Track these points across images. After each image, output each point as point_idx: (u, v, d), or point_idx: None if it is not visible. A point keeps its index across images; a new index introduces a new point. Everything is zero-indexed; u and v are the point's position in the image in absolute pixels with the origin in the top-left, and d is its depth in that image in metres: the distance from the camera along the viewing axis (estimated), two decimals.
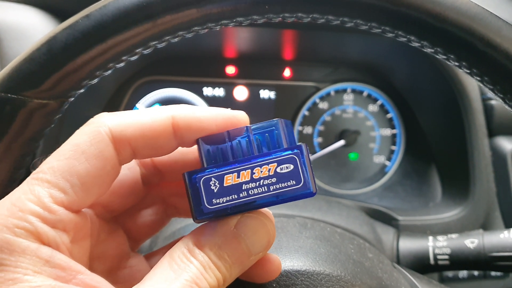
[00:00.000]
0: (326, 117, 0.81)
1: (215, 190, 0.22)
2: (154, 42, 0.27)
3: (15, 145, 0.27)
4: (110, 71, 0.28)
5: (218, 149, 0.24)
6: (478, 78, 0.28)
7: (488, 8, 0.28)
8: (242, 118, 0.25)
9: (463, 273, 0.60)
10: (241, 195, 0.22)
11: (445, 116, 0.69)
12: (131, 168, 0.27)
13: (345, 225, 0.45)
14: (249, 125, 0.24)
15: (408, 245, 0.48)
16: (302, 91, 0.81)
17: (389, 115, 0.81)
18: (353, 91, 0.81)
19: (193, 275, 0.21)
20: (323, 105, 0.81)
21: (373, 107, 0.81)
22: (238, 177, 0.22)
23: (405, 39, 0.28)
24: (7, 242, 0.20)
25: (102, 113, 0.24)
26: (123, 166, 0.25)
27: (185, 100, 0.80)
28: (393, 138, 0.81)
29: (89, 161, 0.22)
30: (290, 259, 0.31)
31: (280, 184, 0.22)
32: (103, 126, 0.23)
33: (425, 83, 0.72)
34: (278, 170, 0.22)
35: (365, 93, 0.81)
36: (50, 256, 0.20)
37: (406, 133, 0.80)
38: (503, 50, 0.27)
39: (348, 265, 0.32)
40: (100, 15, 0.26)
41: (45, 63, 0.27)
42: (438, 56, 0.29)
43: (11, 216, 0.20)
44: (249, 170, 0.22)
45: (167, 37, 0.27)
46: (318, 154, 0.80)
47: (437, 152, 0.73)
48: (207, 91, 0.80)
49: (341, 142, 0.79)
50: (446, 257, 0.45)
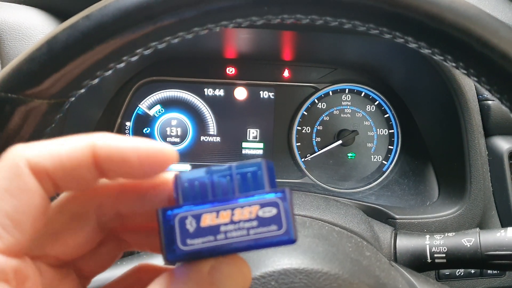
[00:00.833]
0: (325, 117, 0.81)
1: (191, 230, 0.21)
2: (155, 43, 0.27)
3: (14, 146, 0.27)
4: (111, 72, 0.29)
5: (197, 186, 0.22)
6: (475, 79, 0.29)
7: (486, 9, 0.28)
8: (168, 153, 0.22)
9: (460, 271, 0.60)
10: (218, 238, 0.21)
11: (442, 116, 0.69)
12: (85, 218, 0.24)
13: (343, 224, 0.46)
14: (232, 164, 0.22)
15: (406, 243, 0.48)
16: (301, 92, 0.81)
17: (387, 115, 0.82)
18: (351, 92, 0.81)
19: None
20: (322, 105, 0.81)
21: (371, 107, 0.82)
22: (217, 218, 0.21)
23: (403, 40, 0.28)
24: None
25: (16, 146, 0.22)
26: (78, 217, 0.24)
27: (186, 101, 0.80)
28: (391, 138, 0.82)
29: (15, 197, 0.20)
30: (289, 258, 0.31)
31: (261, 229, 0.21)
32: (21, 159, 0.21)
33: (422, 84, 0.72)
34: (260, 214, 0.21)
35: (363, 94, 0.81)
36: None
37: (403, 133, 0.81)
38: (500, 51, 0.27)
39: (346, 264, 0.32)
40: (101, 16, 0.27)
41: (46, 63, 0.27)
42: (435, 57, 0.29)
43: None
44: (230, 211, 0.21)
45: (167, 38, 0.27)
46: (317, 154, 0.81)
47: (434, 152, 0.73)
48: (208, 92, 0.80)
49: (339, 142, 0.79)
50: (443, 256, 0.45)
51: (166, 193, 0.24)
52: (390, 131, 0.82)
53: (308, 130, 0.81)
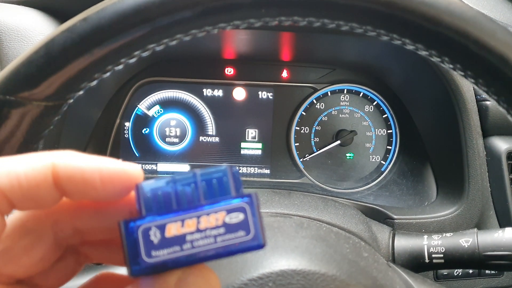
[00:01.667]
0: (323, 118, 0.82)
1: (155, 242, 0.20)
2: (152, 45, 0.27)
3: (12, 147, 0.27)
4: (109, 73, 0.29)
5: (160, 196, 0.21)
6: (473, 80, 0.29)
7: (484, 10, 0.28)
8: (133, 173, 0.22)
9: (458, 271, 0.60)
10: (184, 247, 0.20)
11: (440, 117, 0.70)
12: (41, 236, 0.23)
13: (341, 224, 0.46)
14: (196, 171, 0.22)
15: (404, 244, 0.48)
16: (300, 92, 0.81)
17: (385, 116, 0.82)
18: (350, 92, 0.82)
19: None
20: (320, 106, 0.81)
21: (369, 108, 0.82)
22: (183, 227, 0.20)
23: (400, 42, 0.28)
24: None
25: None
26: (33, 234, 0.23)
27: (185, 101, 0.80)
28: (389, 138, 0.82)
29: None
30: (286, 259, 0.32)
31: (228, 235, 0.20)
32: None
33: (420, 84, 0.72)
34: (227, 220, 0.20)
35: (361, 94, 0.82)
36: None
37: (402, 133, 0.81)
38: (498, 53, 0.27)
39: (344, 265, 0.33)
40: (98, 18, 0.27)
41: (43, 66, 0.27)
42: (433, 59, 0.29)
43: None
44: (195, 219, 0.20)
45: (165, 40, 0.27)
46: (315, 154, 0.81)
47: (432, 152, 0.73)
48: (207, 92, 0.80)
49: (338, 142, 0.80)
50: (441, 256, 0.45)
51: (127, 207, 0.23)
52: (389, 132, 0.82)
53: (307, 131, 0.81)
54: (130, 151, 0.80)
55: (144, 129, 0.80)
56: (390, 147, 0.81)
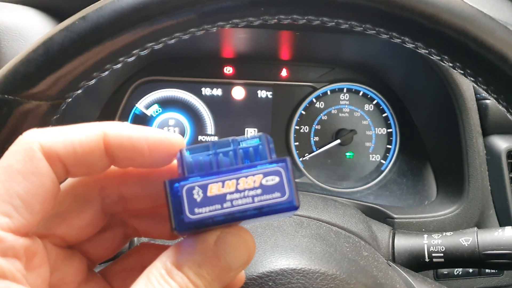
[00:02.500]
0: (323, 117, 0.82)
1: (198, 200, 0.22)
2: (151, 44, 0.28)
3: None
4: (107, 72, 0.29)
5: (201, 159, 0.23)
6: (472, 79, 0.29)
7: (483, 9, 0.28)
8: (177, 141, 0.24)
9: (458, 270, 0.60)
10: (225, 206, 0.22)
11: (440, 115, 0.70)
12: (90, 200, 0.25)
13: (341, 223, 0.46)
14: (235, 137, 0.24)
15: (403, 243, 0.48)
16: (299, 91, 0.81)
17: (385, 115, 0.82)
18: (349, 91, 0.82)
19: None
20: (320, 105, 0.81)
21: (369, 107, 0.82)
22: (223, 187, 0.22)
23: (399, 41, 0.28)
24: None
25: (30, 130, 0.22)
26: (82, 199, 0.25)
27: (184, 100, 0.80)
28: (389, 137, 0.82)
29: (27, 179, 0.21)
30: (286, 258, 0.32)
31: (265, 196, 0.22)
32: (34, 143, 0.22)
33: (420, 83, 0.72)
34: (264, 182, 0.22)
35: (361, 93, 0.82)
36: None
37: (402, 132, 0.81)
38: (497, 51, 0.27)
39: (343, 264, 0.33)
40: (97, 17, 0.27)
41: (42, 65, 0.27)
42: (432, 57, 0.29)
43: None
44: (235, 180, 0.22)
45: (164, 39, 0.27)
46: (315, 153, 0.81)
47: (432, 151, 0.73)
48: (206, 91, 0.80)
49: (337, 141, 0.79)
50: (441, 255, 0.45)
51: (168, 175, 0.25)
52: (389, 131, 0.82)
53: (306, 130, 0.81)
54: None
55: None
56: (390, 146, 0.81)
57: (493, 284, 0.62)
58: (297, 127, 0.81)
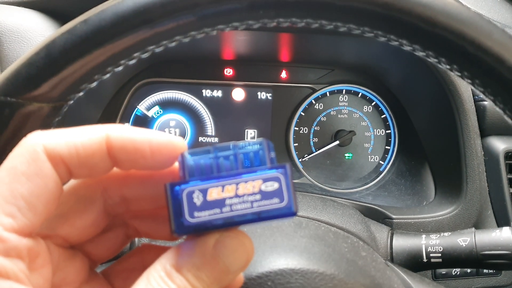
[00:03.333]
0: (322, 118, 0.82)
1: (198, 204, 0.22)
2: (152, 47, 0.28)
3: (13, 149, 0.27)
4: (109, 75, 0.29)
5: (202, 164, 0.23)
6: (469, 81, 0.29)
7: (481, 11, 0.29)
8: (179, 144, 0.24)
9: (456, 270, 0.61)
10: (224, 210, 0.22)
11: (438, 117, 0.70)
12: (92, 201, 0.26)
13: (340, 224, 0.46)
14: (236, 142, 0.24)
15: (402, 243, 0.48)
16: (298, 93, 0.81)
17: (383, 116, 0.82)
18: (348, 92, 0.82)
19: None
20: (319, 106, 0.82)
21: (368, 108, 0.82)
22: (223, 192, 0.22)
23: (397, 43, 0.29)
24: None
25: (34, 132, 0.23)
26: (85, 200, 0.25)
27: (184, 102, 0.81)
28: (387, 138, 0.82)
29: (31, 181, 0.21)
30: (285, 258, 0.32)
31: (264, 201, 0.22)
32: (38, 145, 0.22)
33: (419, 85, 0.73)
34: (263, 188, 0.22)
35: (360, 94, 0.82)
36: None
37: (400, 133, 0.81)
38: (494, 54, 0.27)
39: (342, 264, 0.33)
40: (98, 20, 0.27)
41: (44, 67, 0.27)
42: (430, 59, 0.29)
43: None
44: (234, 185, 0.22)
45: (164, 42, 0.28)
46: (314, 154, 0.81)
47: (430, 152, 0.74)
48: (206, 93, 0.81)
49: (336, 142, 0.80)
50: (439, 255, 0.46)
51: (170, 178, 0.25)
52: (387, 132, 0.82)
53: (306, 131, 0.82)
54: None
55: None
56: (389, 147, 0.82)
57: (491, 284, 0.63)
58: (297, 128, 0.81)
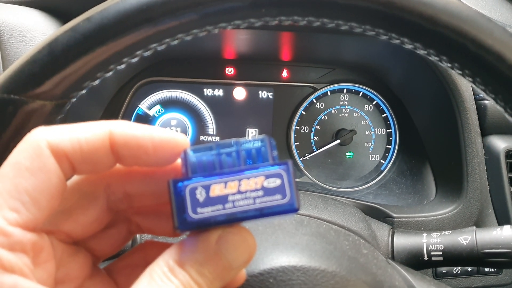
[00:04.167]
0: (323, 117, 0.82)
1: (201, 200, 0.22)
2: (154, 45, 0.28)
3: (16, 146, 0.28)
4: (111, 73, 0.29)
5: (204, 160, 0.23)
6: (470, 79, 0.29)
7: (482, 10, 0.29)
8: (181, 141, 0.24)
9: (457, 269, 0.61)
10: (226, 206, 0.22)
11: (439, 116, 0.70)
12: (96, 197, 0.26)
13: (341, 222, 0.46)
14: (238, 139, 0.24)
15: (403, 242, 0.48)
16: (299, 92, 0.81)
17: (384, 115, 0.82)
18: (349, 92, 0.82)
19: None
20: (320, 105, 0.82)
21: (369, 107, 0.82)
22: (225, 188, 0.22)
23: (399, 41, 0.29)
24: None
25: (39, 127, 0.23)
26: (88, 196, 0.25)
27: (185, 101, 0.81)
28: (388, 137, 0.82)
29: (35, 176, 0.21)
30: (287, 255, 0.32)
31: (267, 198, 0.22)
32: (42, 140, 0.22)
33: (419, 84, 0.73)
34: (265, 184, 0.22)
35: (361, 94, 0.82)
36: (14, 285, 0.20)
37: (401, 132, 0.81)
38: (495, 52, 0.27)
39: (343, 261, 0.33)
40: (101, 18, 0.27)
41: (47, 65, 0.27)
42: (431, 58, 0.29)
43: None
44: (237, 182, 0.22)
45: (167, 40, 0.28)
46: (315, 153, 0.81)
47: (431, 151, 0.74)
48: (207, 92, 0.81)
49: (337, 141, 0.80)
50: (440, 254, 0.46)
51: (172, 174, 0.26)
52: (388, 131, 0.82)
53: (307, 130, 0.82)
54: None
55: None
56: (390, 146, 0.82)
57: (492, 283, 0.63)
58: (298, 127, 0.82)
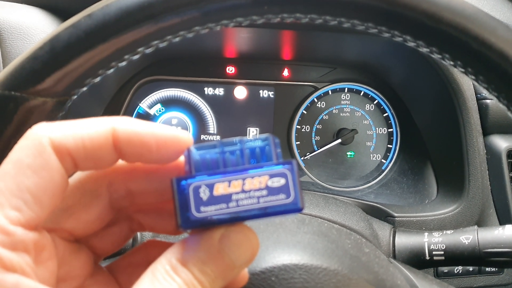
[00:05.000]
0: (324, 116, 0.82)
1: (204, 198, 0.22)
2: (156, 42, 0.28)
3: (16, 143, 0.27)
4: (113, 70, 0.29)
5: (208, 158, 0.23)
6: (473, 77, 0.29)
7: (484, 9, 0.29)
8: (185, 139, 0.24)
9: (458, 269, 0.61)
10: (230, 205, 0.22)
11: (441, 115, 0.70)
12: (98, 194, 0.26)
13: (342, 221, 0.46)
14: (242, 138, 0.24)
15: (404, 241, 0.48)
16: (301, 91, 0.81)
17: (386, 114, 0.82)
18: (350, 91, 0.82)
19: None
20: (321, 104, 0.82)
21: (370, 106, 0.82)
22: (229, 187, 0.22)
23: (401, 39, 0.29)
24: None
25: (40, 124, 0.23)
26: (91, 194, 0.25)
27: (186, 100, 0.81)
28: (390, 137, 0.82)
29: (37, 174, 0.21)
30: (289, 254, 0.32)
31: (270, 197, 0.22)
32: (44, 137, 0.22)
33: (421, 83, 0.73)
34: (269, 183, 0.22)
35: (362, 93, 0.82)
36: (16, 284, 0.20)
37: (402, 132, 0.81)
38: (498, 50, 0.27)
39: (345, 260, 0.33)
40: (102, 15, 0.27)
41: (48, 62, 0.27)
42: (434, 56, 0.29)
43: None
44: (241, 181, 0.22)
45: (169, 37, 0.28)
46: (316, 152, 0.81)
47: (433, 150, 0.74)
48: (208, 91, 0.81)
49: (338, 141, 0.80)
50: (441, 253, 0.45)
51: (175, 171, 0.25)
52: (389, 130, 0.82)
53: (308, 129, 0.82)
54: None
55: None
56: (391, 146, 0.82)
57: (493, 283, 0.63)
58: (299, 127, 0.81)
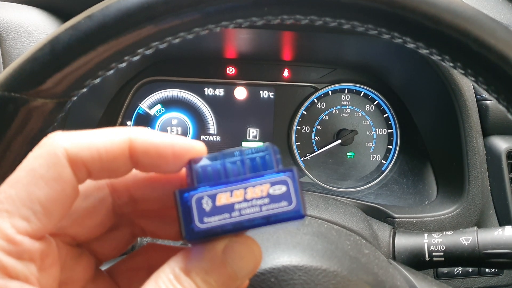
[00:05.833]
0: (324, 117, 0.82)
1: (207, 209, 0.22)
2: (156, 43, 0.28)
3: (17, 144, 0.27)
4: (113, 71, 0.29)
5: (210, 170, 0.23)
6: (473, 79, 0.29)
7: (484, 10, 0.29)
8: (200, 149, 0.24)
9: (458, 270, 0.61)
10: (233, 215, 0.22)
11: (440, 116, 0.70)
12: (102, 200, 0.26)
13: (342, 222, 0.46)
14: (242, 148, 0.24)
15: (404, 242, 0.48)
16: (301, 91, 0.81)
17: (386, 115, 0.82)
18: (350, 92, 0.82)
19: None
20: (321, 105, 0.82)
21: (370, 107, 0.82)
22: (231, 197, 0.22)
23: (401, 41, 0.29)
24: None
25: (56, 133, 0.22)
26: (95, 200, 0.25)
27: (186, 100, 0.81)
28: (390, 138, 0.82)
29: (49, 185, 0.21)
30: (288, 255, 0.32)
31: (273, 205, 0.22)
32: (59, 148, 0.22)
33: (421, 84, 0.73)
34: (271, 192, 0.22)
35: (362, 94, 0.82)
36: None
37: (402, 133, 0.81)
38: (497, 51, 0.27)
39: (345, 261, 0.33)
40: (102, 16, 0.27)
41: (48, 63, 0.27)
42: (433, 57, 0.29)
43: None
44: (243, 190, 0.22)
45: (169, 38, 0.28)
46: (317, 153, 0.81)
47: (433, 151, 0.74)
48: (208, 91, 0.81)
49: (338, 141, 0.80)
50: (441, 254, 0.45)
51: (178, 179, 0.26)
52: (389, 131, 0.82)
53: (308, 130, 0.82)
54: None
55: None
56: (391, 147, 0.82)
57: (493, 284, 0.63)
58: (299, 127, 0.82)
